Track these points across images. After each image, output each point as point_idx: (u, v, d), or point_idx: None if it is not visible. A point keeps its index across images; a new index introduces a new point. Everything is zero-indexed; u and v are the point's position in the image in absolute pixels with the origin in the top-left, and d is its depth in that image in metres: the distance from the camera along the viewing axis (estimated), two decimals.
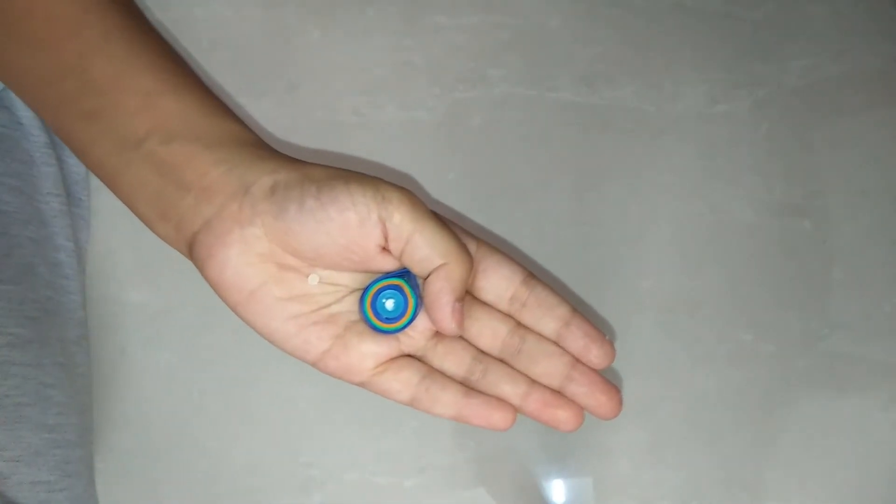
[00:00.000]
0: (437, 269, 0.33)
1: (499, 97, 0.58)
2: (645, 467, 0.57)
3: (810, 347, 0.58)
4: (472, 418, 0.36)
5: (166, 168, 0.34)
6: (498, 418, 0.36)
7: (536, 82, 0.59)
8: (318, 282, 0.35)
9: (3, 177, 0.46)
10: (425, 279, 0.34)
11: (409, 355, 0.37)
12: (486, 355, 0.37)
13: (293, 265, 0.34)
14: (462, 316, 0.34)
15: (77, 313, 0.51)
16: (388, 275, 0.35)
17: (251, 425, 0.56)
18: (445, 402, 0.36)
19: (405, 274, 0.35)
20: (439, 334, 0.36)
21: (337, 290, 0.35)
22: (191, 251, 0.35)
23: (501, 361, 0.37)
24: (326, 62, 0.58)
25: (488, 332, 0.37)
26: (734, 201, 0.59)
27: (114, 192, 0.36)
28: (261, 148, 0.35)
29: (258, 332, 0.35)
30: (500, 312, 0.37)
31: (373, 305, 0.34)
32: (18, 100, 0.48)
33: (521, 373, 0.37)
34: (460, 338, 0.37)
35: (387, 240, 0.33)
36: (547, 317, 0.37)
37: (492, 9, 0.59)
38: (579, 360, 0.37)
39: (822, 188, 0.59)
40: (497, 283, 0.37)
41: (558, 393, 0.37)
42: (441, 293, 0.33)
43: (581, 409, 0.37)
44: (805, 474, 0.57)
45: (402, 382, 0.36)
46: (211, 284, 0.34)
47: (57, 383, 0.46)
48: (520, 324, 0.37)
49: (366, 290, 0.34)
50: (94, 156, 0.35)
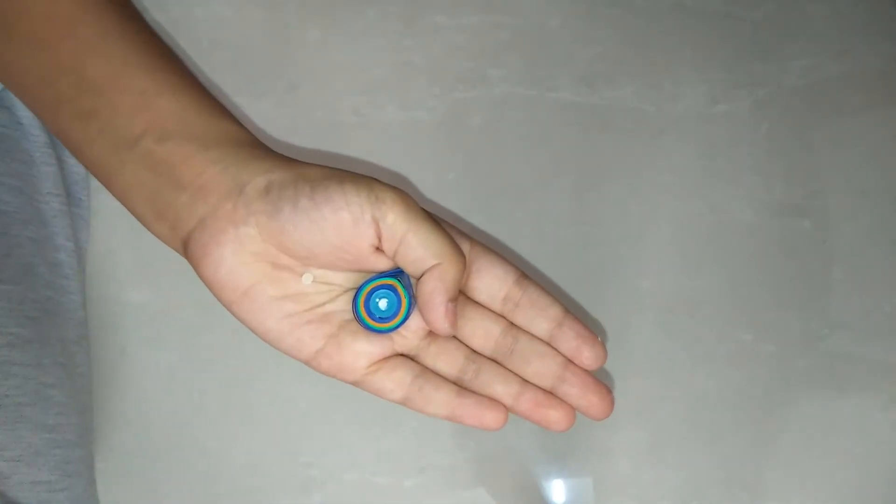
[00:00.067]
0: (431, 269, 0.33)
1: (499, 97, 0.58)
2: (645, 467, 0.57)
3: (810, 347, 0.58)
4: (465, 418, 0.36)
5: (162, 167, 0.34)
6: (490, 418, 0.36)
7: (536, 82, 0.59)
8: (312, 281, 0.35)
9: (3, 177, 0.46)
10: (419, 279, 0.34)
11: (403, 355, 0.37)
12: (479, 355, 0.37)
13: (287, 264, 0.34)
14: (455, 316, 0.34)
15: (77, 313, 0.51)
16: (382, 274, 0.35)
17: (251, 425, 0.56)
18: (438, 402, 0.36)
19: (398, 274, 0.35)
20: (432, 334, 0.37)
21: (331, 289, 0.36)
22: (186, 250, 0.35)
23: (494, 361, 0.37)
24: (326, 62, 0.58)
25: (481, 332, 0.37)
26: (734, 201, 0.58)
27: (110, 191, 0.36)
28: (256, 147, 0.35)
29: (253, 330, 0.35)
30: (493, 312, 0.37)
31: (366, 305, 0.34)
32: (18, 100, 0.48)
33: (513, 373, 0.37)
34: (453, 338, 0.37)
35: (380, 240, 0.33)
36: (539, 317, 0.37)
37: (492, 9, 0.59)
38: (571, 361, 0.37)
39: (822, 188, 0.59)
40: (490, 283, 0.37)
41: (550, 393, 0.37)
42: (434, 293, 0.33)
43: (573, 409, 0.37)
44: (805, 474, 0.57)
45: (395, 382, 0.36)
46: (206, 283, 0.35)
47: (57, 383, 0.46)
48: (512, 324, 0.37)
49: (359, 290, 0.35)
50: (91, 155, 0.35)
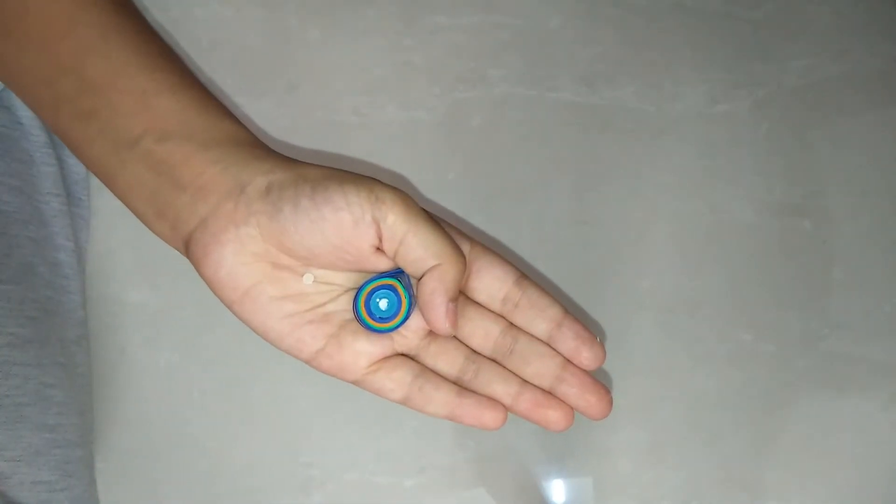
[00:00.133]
0: (431, 269, 0.33)
1: (499, 97, 0.58)
2: (645, 467, 0.57)
3: (810, 347, 0.58)
4: (464, 417, 0.36)
5: (162, 167, 0.34)
6: (489, 418, 0.36)
7: (536, 82, 0.59)
8: (313, 281, 0.35)
9: (3, 177, 0.46)
10: (419, 279, 0.34)
11: (403, 354, 0.37)
12: (479, 355, 0.37)
13: (288, 264, 0.34)
14: (455, 316, 0.34)
15: (77, 313, 0.51)
16: (382, 274, 0.35)
17: (251, 425, 0.56)
18: (438, 402, 0.36)
19: (399, 274, 0.35)
20: (432, 334, 0.37)
21: (331, 289, 0.36)
22: (187, 249, 0.35)
23: (494, 361, 0.37)
24: (326, 62, 0.58)
25: (481, 333, 0.37)
26: (734, 201, 0.58)
27: (111, 191, 0.36)
28: (257, 147, 0.36)
29: (253, 330, 0.35)
30: (493, 313, 0.37)
31: (366, 305, 0.34)
32: (18, 100, 0.48)
33: (512, 373, 0.37)
34: (453, 337, 0.37)
35: (381, 240, 0.33)
36: (539, 318, 0.37)
37: (492, 9, 0.59)
38: (570, 361, 0.37)
39: (822, 188, 0.59)
40: (490, 283, 0.37)
41: (549, 393, 0.37)
42: (435, 293, 0.33)
43: (571, 409, 0.37)
44: (805, 474, 0.57)
45: (396, 381, 0.36)
46: (207, 282, 0.35)
47: (57, 383, 0.46)
48: (512, 324, 0.37)
49: (359, 290, 0.35)
50: (92, 154, 0.35)
